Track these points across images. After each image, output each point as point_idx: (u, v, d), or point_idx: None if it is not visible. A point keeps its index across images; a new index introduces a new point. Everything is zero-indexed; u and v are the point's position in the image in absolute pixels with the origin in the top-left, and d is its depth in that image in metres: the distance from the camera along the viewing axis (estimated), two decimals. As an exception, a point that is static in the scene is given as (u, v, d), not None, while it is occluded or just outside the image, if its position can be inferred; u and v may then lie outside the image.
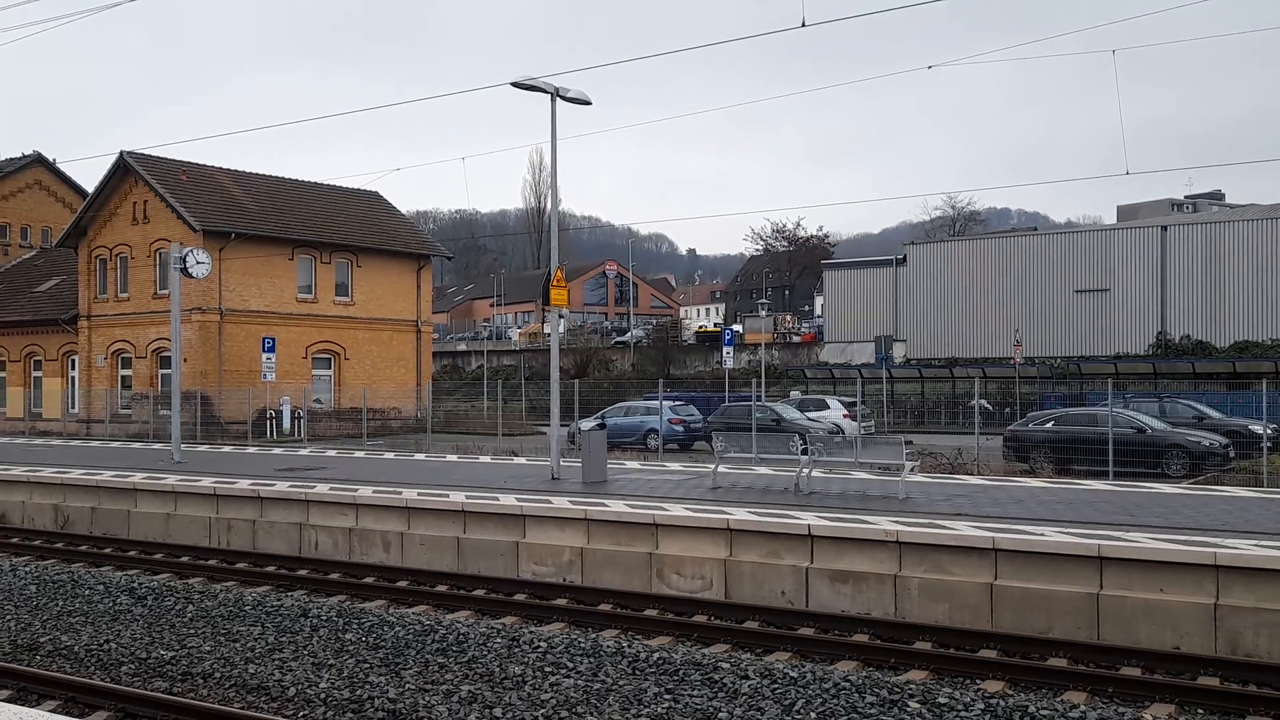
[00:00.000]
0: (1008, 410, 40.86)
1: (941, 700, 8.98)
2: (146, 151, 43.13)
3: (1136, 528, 12.85)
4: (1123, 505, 15.19)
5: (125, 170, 43.39)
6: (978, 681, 10.13)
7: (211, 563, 16.82)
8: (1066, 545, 11.92)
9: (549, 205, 35.25)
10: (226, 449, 28.25)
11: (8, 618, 12.72)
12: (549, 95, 19.64)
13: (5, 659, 10.91)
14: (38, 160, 57.13)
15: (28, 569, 15.99)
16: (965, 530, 12.77)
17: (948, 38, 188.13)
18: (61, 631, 11.95)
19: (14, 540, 19.20)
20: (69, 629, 12.08)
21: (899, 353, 62.58)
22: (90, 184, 48.40)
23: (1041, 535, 12.34)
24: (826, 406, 39.83)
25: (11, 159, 56.58)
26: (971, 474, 21.07)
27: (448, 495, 16.78)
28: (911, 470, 16.70)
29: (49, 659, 10.91)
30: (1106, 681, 9.99)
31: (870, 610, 12.74)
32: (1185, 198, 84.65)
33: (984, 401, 37.64)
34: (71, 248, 46.59)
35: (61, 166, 57.81)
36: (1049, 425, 25.90)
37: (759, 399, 37.48)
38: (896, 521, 13.50)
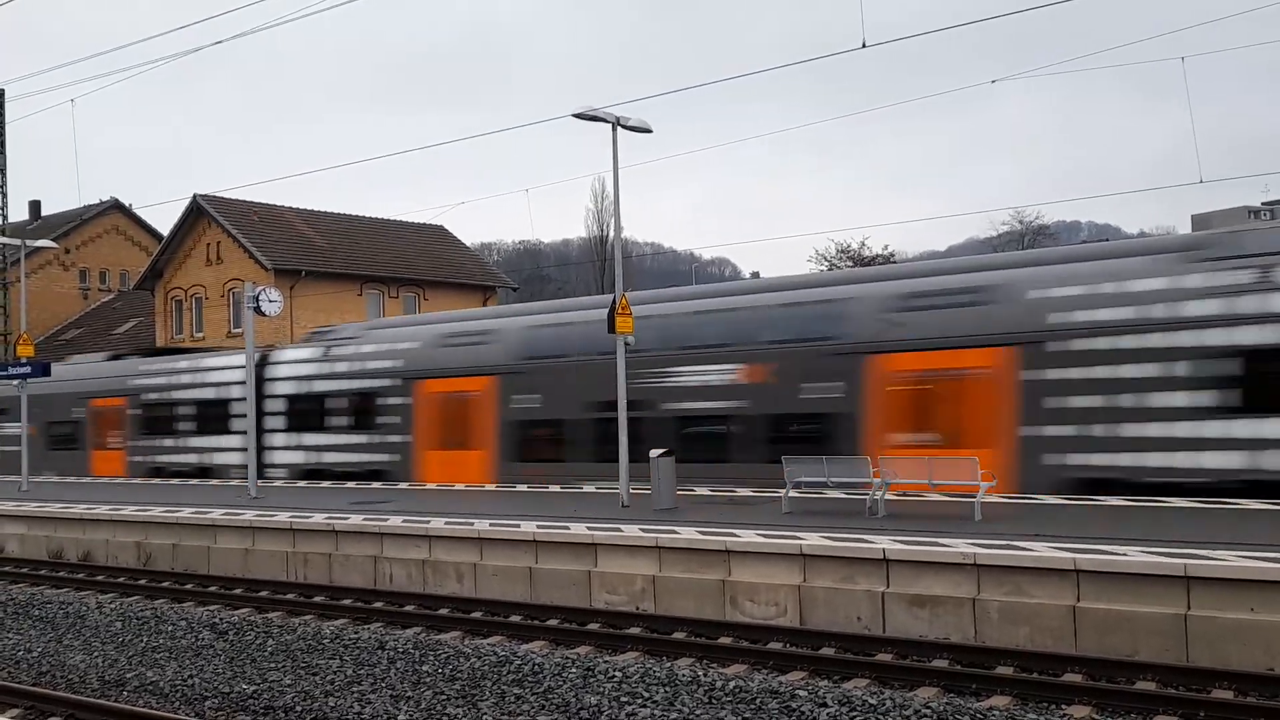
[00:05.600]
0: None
1: (1026, 727, 8.80)
2: (219, 194, 44.27)
3: (1223, 545, 12.49)
4: (1207, 521, 14.79)
5: (199, 213, 44.54)
6: (1063, 706, 9.90)
7: (290, 596, 17.07)
8: (1151, 565, 11.62)
9: (611, 233, 35.68)
10: (300, 483, 28.70)
11: (95, 654, 13.02)
12: (610, 125, 19.81)
13: (94, 695, 11.16)
14: (115, 206, 58.89)
15: (113, 606, 16.37)
16: (1044, 551, 12.51)
17: (1009, 55, 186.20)
18: (147, 667, 12.19)
19: (100, 578, 19.66)
20: (154, 664, 12.32)
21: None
22: (165, 227, 49.80)
23: (1124, 555, 12.05)
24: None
25: (90, 205, 58.40)
26: (1048, 492, 20.64)
27: (519, 525, 16.86)
28: (986, 490, 16.42)
29: (135, 694, 11.14)
30: (1198, 705, 9.71)
31: (949, 635, 12.52)
32: (1262, 204, 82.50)
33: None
34: (148, 290, 47.89)
35: (138, 211, 59.54)
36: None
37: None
38: (973, 543, 13.28)
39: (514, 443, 25.67)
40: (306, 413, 30.07)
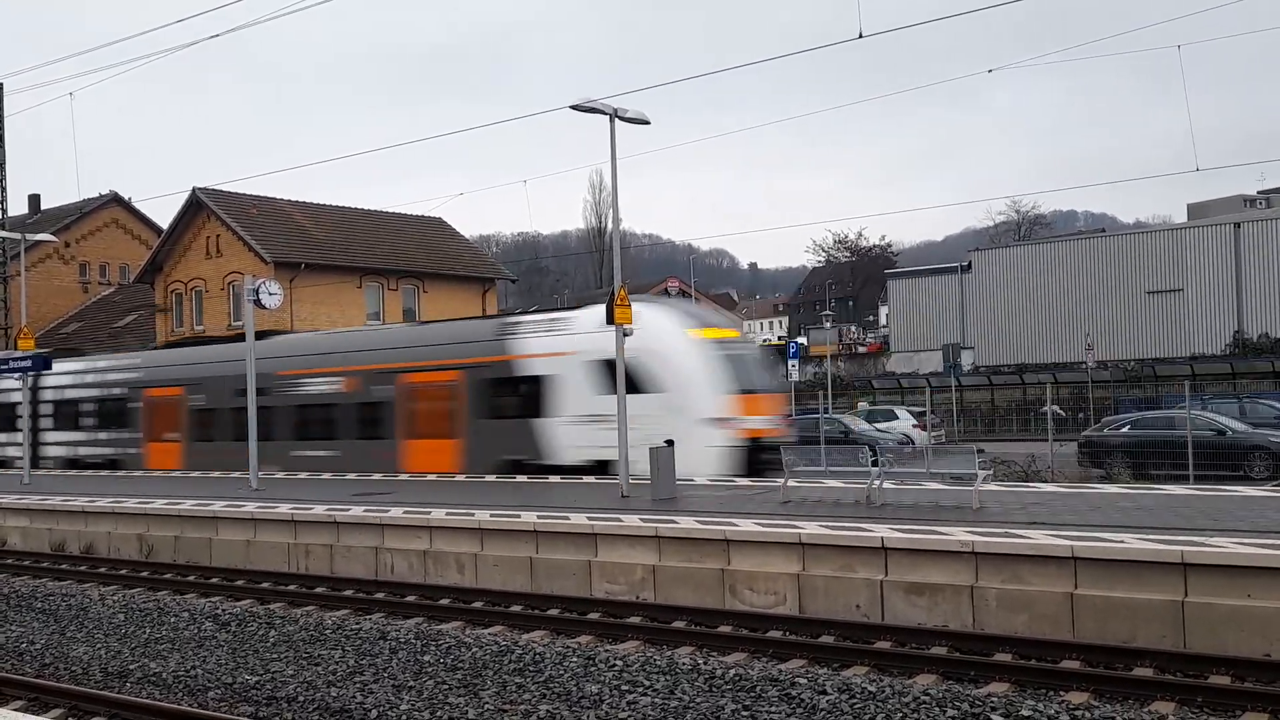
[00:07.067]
0: (1081, 415, 40.16)
1: (1025, 713, 8.86)
2: (218, 187, 44.25)
3: (1220, 532, 12.56)
4: (1205, 509, 14.85)
5: (198, 206, 44.51)
6: (1061, 693, 9.96)
7: (291, 588, 17.12)
8: (1148, 552, 11.68)
9: (610, 225, 35.63)
10: (302, 474, 28.70)
11: (98, 646, 13.07)
12: (608, 116, 19.81)
13: (97, 686, 11.22)
14: (115, 199, 58.83)
15: (115, 598, 16.42)
16: (1042, 539, 12.57)
17: (1006, 46, 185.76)
18: (150, 658, 12.24)
19: (102, 570, 19.71)
20: (156, 656, 12.38)
21: (967, 360, 61.79)
22: (165, 221, 49.77)
23: (1122, 543, 12.10)
24: (895, 417, 39.58)
25: (90, 199, 58.35)
26: (1046, 481, 20.75)
27: (519, 516, 16.91)
28: (984, 479, 16.46)
29: (138, 686, 11.19)
30: (1195, 691, 9.77)
31: (947, 622, 12.58)
32: (1258, 193, 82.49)
33: (1056, 407, 37.07)
34: (148, 283, 47.85)
35: (137, 205, 59.54)
36: (1125, 429, 25.44)
37: (826, 411, 37.26)
38: (971, 532, 13.34)
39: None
40: None
